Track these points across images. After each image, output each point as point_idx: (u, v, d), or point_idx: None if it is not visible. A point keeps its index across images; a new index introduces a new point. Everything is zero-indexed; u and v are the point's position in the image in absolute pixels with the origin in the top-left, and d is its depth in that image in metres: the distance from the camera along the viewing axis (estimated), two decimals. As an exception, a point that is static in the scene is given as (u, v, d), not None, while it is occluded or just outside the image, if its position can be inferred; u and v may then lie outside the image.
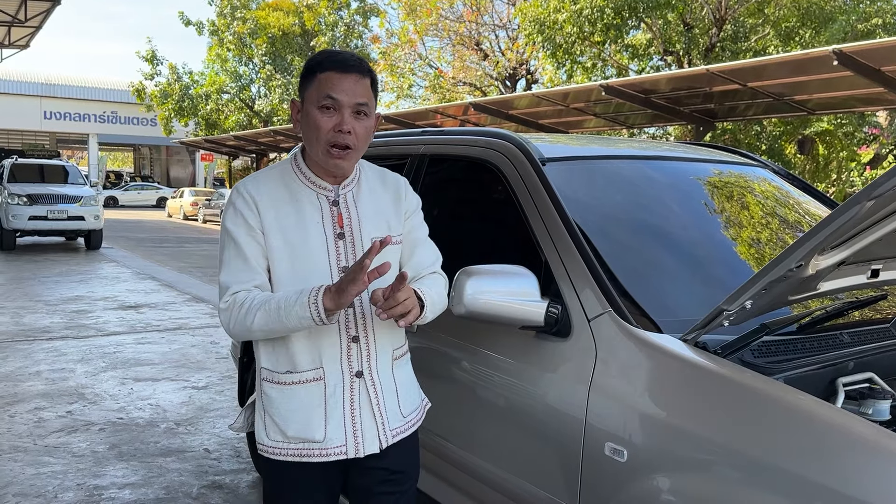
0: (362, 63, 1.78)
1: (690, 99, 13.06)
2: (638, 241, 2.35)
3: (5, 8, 21.29)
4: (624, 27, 16.44)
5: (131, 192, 41.12)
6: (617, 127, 17.52)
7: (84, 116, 43.00)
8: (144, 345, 6.87)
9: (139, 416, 4.79)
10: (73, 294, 9.71)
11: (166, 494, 3.61)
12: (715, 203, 2.64)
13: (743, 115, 14.72)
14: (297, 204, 1.79)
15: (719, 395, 1.71)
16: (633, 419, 1.83)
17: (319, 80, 1.74)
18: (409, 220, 1.95)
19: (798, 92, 11.84)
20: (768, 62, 10.68)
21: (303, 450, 1.79)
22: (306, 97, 1.77)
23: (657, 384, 1.83)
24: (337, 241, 1.79)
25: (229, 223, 1.78)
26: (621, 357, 1.91)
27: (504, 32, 25.04)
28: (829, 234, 1.54)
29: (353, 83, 1.73)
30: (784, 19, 16.98)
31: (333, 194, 1.82)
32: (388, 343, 1.87)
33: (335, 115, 1.73)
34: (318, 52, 1.82)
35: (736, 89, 11.71)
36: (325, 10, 33.27)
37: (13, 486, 3.65)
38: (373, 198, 1.88)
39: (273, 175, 1.84)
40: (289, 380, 1.79)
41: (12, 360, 6.15)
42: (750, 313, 1.76)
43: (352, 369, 1.80)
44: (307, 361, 1.78)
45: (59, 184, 15.99)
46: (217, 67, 35.08)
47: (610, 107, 14.34)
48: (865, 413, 1.77)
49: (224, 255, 1.79)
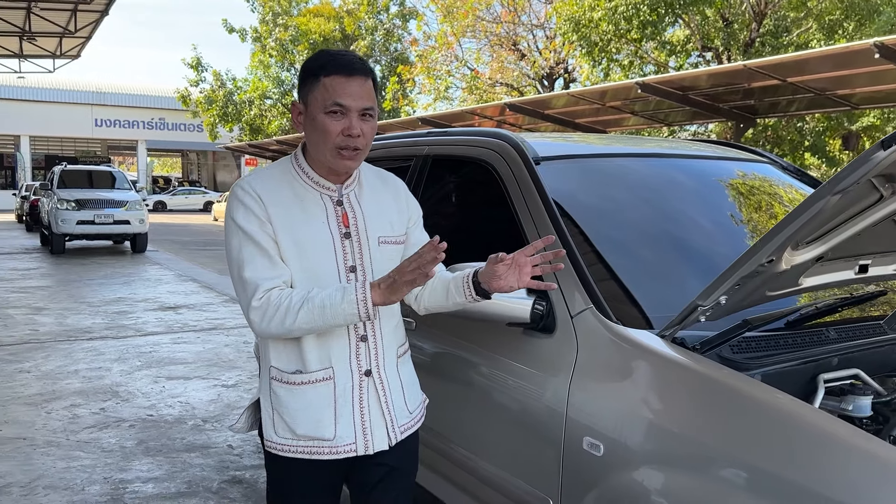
0: (365, 64, 1.78)
1: (730, 95, 12.84)
2: (628, 237, 2.36)
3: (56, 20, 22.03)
4: (661, 24, 16.22)
5: (179, 197, 42.06)
6: (656, 125, 17.32)
7: (133, 123, 44.16)
8: (180, 344, 7.06)
9: (168, 412, 4.94)
10: (115, 296, 10.01)
11: (188, 488, 3.72)
12: (711, 199, 2.62)
13: (785, 111, 14.42)
14: (302, 204, 1.80)
15: (690, 390, 1.71)
16: (608, 414, 1.84)
17: (325, 85, 1.73)
18: (414, 228, 1.98)
19: (841, 86, 11.55)
20: (809, 56, 10.45)
21: (312, 447, 1.81)
22: (310, 101, 1.75)
23: (631, 379, 1.84)
24: (343, 240, 1.81)
25: (241, 221, 1.75)
26: (600, 352, 1.93)
27: (542, 32, 24.94)
28: (796, 229, 1.54)
29: (358, 87, 1.74)
30: (827, 12, 16.56)
31: (337, 194, 1.84)
32: (393, 341, 1.90)
33: (343, 120, 1.73)
34: (316, 52, 1.83)
35: (776, 85, 11.48)
36: (365, 14, 33.59)
37: (44, 478, 3.80)
38: (374, 197, 1.90)
39: (274, 174, 1.84)
40: (298, 380, 1.81)
41: (53, 359, 6.38)
42: (726, 309, 1.76)
43: (361, 368, 1.82)
44: (316, 361, 1.80)
45: (106, 189, 16.47)
46: (260, 73, 35.67)
47: (648, 105, 14.17)
48: (846, 409, 1.76)
49: (243, 254, 1.75)
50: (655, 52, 18.75)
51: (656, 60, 18.86)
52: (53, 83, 40.88)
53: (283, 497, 1.93)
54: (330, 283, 1.77)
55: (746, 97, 12.87)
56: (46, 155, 44.21)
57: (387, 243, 1.87)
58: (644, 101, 13.82)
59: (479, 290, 1.83)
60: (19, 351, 6.65)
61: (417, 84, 28.57)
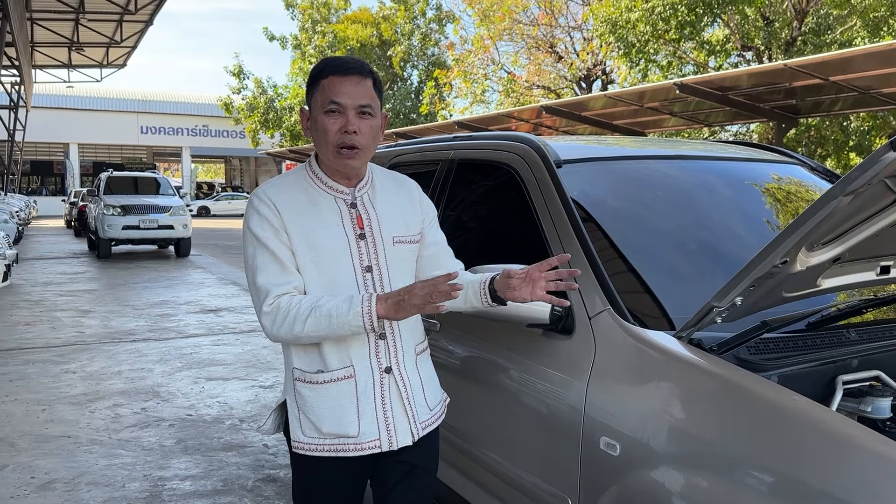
0: (363, 65, 1.83)
1: (771, 95, 12.63)
2: (647, 239, 2.36)
3: (103, 30, 22.68)
4: (699, 24, 16.04)
5: (222, 202, 42.80)
6: (696, 126, 17.12)
7: (177, 130, 45.22)
8: (220, 346, 7.22)
9: (207, 412, 5.06)
10: (159, 299, 10.26)
11: (223, 486, 3.81)
12: (735, 201, 2.61)
13: (828, 111, 14.13)
14: (316, 208, 1.85)
15: (704, 391, 1.72)
16: (625, 414, 1.86)
17: (323, 87, 1.80)
18: (429, 227, 2.02)
19: (887, 85, 11.28)
20: (851, 55, 10.25)
21: (338, 445, 1.85)
22: (312, 104, 1.84)
23: (647, 380, 1.85)
24: (358, 241, 1.85)
25: (256, 228, 1.82)
26: (617, 353, 1.95)
27: (579, 34, 24.84)
28: (808, 230, 1.54)
29: (353, 85, 1.79)
30: (872, 9, 16.19)
31: (350, 197, 1.88)
32: (411, 339, 1.94)
33: (340, 118, 1.78)
34: (320, 60, 1.90)
35: (819, 84, 11.27)
36: (402, 19, 33.83)
37: (87, 475, 3.94)
38: (388, 198, 1.94)
39: (289, 181, 1.89)
40: (320, 379, 1.85)
41: (98, 360, 6.58)
42: (742, 310, 1.77)
43: (380, 365, 1.86)
44: (337, 360, 1.84)
45: (151, 195, 16.87)
46: (300, 80, 36.16)
47: (688, 105, 14.02)
48: (864, 411, 1.75)
49: (257, 261, 1.81)
50: (694, 53, 18.53)
51: (695, 60, 18.63)
52: (100, 92, 42.09)
53: (309, 496, 1.96)
54: (347, 283, 1.82)
55: (788, 97, 12.65)
56: (94, 162, 45.55)
57: (402, 243, 1.92)
58: (683, 102, 13.68)
59: (495, 297, 1.87)
60: (66, 352, 6.87)
61: (454, 88, 28.67)
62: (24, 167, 42.52)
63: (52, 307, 9.47)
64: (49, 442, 4.44)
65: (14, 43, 18.04)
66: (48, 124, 40.72)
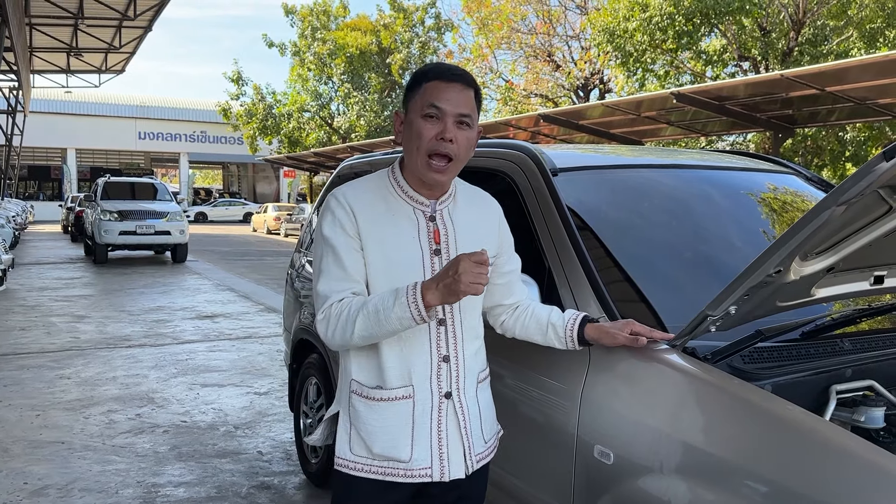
0: (467, 75, 1.78)
1: (767, 105, 12.70)
2: (642, 247, 2.37)
3: (102, 36, 22.70)
4: (696, 34, 16.11)
5: (219, 208, 42.82)
6: (693, 135, 17.17)
7: (175, 136, 45.26)
8: (215, 352, 7.20)
9: (201, 419, 5.04)
10: (154, 305, 10.24)
11: (217, 493, 3.80)
12: (730, 210, 2.62)
13: (824, 121, 14.20)
14: (394, 218, 1.77)
15: (697, 400, 1.72)
16: (618, 423, 1.86)
17: (424, 90, 1.73)
18: (506, 255, 1.96)
19: (883, 95, 11.35)
20: (849, 65, 10.31)
21: (387, 468, 1.76)
22: (410, 107, 1.76)
23: (640, 388, 1.86)
24: (433, 256, 1.77)
25: (328, 230, 1.75)
26: (610, 361, 1.95)
27: (577, 43, 24.94)
28: (801, 240, 1.55)
29: (457, 93, 1.72)
30: (868, 20, 16.28)
31: (430, 209, 1.80)
32: (474, 365, 1.85)
33: (438, 124, 1.71)
34: (426, 64, 1.85)
35: (816, 94, 11.33)
36: (402, 27, 33.96)
37: (80, 481, 3.92)
38: (468, 215, 1.85)
39: (370, 186, 1.82)
40: (378, 396, 1.77)
41: (93, 365, 6.56)
42: (736, 319, 1.77)
43: (441, 389, 1.78)
44: (397, 378, 1.76)
45: (148, 200, 16.85)
46: (298, 87, 36.26)
47: (685, 115, 14.09)
48: (858, 420, 1.75)
49: (322, 264, 1.75)
50: (692, 62, 18.61)
51: (692, 70, 18.71)
52: (99, 97, 42.18)
53: None
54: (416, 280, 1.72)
55: (785, 107, 12.72)
56: (92, 167, 45.55)
57: None
58: (680, 112, 13.74)
59: (582, 340, 1.89)
60: (61, 358, 6.85)
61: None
62: (22, 172, 42.51)
63: (47, 312, 9.45)
64: (42, 447, 4.43)
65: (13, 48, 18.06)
66: (46, 129, 40.74)
